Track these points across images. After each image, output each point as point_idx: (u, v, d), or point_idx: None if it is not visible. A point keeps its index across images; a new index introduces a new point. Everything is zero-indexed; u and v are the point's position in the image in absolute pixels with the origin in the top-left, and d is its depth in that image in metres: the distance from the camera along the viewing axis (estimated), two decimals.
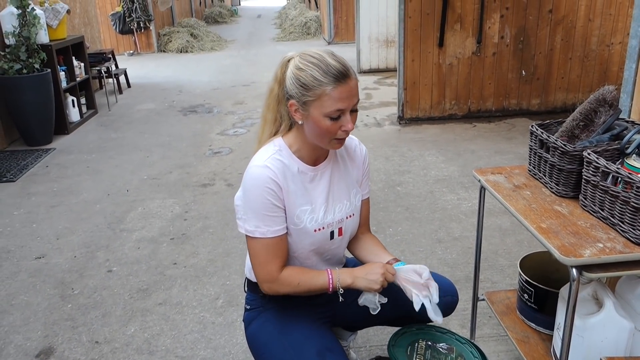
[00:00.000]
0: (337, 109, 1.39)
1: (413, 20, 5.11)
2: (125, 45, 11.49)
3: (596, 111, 1.61)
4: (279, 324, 1.59)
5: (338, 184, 1.60)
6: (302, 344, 1.52)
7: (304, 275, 1.51)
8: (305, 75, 1.40)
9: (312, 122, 1.43)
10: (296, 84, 1.42)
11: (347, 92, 1.39)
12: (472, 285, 2.08)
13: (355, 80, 1.42)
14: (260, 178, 1.46)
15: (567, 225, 1.43)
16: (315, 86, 1.38)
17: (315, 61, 1.40)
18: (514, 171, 1.83)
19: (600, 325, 1.44)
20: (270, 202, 1.46)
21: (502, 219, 3.27)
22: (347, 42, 10.92)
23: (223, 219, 3.48)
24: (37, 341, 2.37)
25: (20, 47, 4.90)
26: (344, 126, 1.42)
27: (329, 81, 1.38)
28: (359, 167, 1.67)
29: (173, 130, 5.62)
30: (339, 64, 1.40)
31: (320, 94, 1.38)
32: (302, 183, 1.53)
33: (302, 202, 1.52)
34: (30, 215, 3.67)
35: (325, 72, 1.38)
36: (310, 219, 1.53)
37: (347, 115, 1.42)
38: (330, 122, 1.41)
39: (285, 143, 1.53)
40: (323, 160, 1.58)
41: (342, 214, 1.60)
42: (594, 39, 5.31)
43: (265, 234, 1.48)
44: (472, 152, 4.54)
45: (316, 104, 1.40)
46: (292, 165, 1.51)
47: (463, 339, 1.65)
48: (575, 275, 1.28)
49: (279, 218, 1.49)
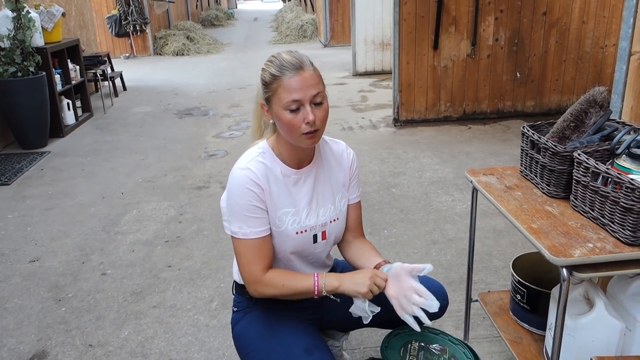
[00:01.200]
0: (292, 99, 1.41)
1: (408, 22, 5.12)
2: (122, 48, 11.49)
3: (587, 112, 1.62)
4: (265, 324, 1.60)
5: (323, 188, 1.61)
6: (289, 342, 1.53)
7: (289, 277, 1.51)
8: (264, 74, 1.46)
9: (277, 119, 1.47)
10: (261, 84, 1.49)
11: (300, 83, 1.41)
12: (466, 287, 2.08)
13: (311, 72, 1.44)
14: (241, 180, 1.47)
15: (558, 225, 1.44)
16: (272, 81, 1.44)
17: (273, 59, 1.47)
18: (506, 172, 1.84)
19: (591, 325, 1.45)
20: (251, 204, 1.47)
21: (496, 220, 3.28)
22: (343, 45, 10.94)
23: (218, 222, 3.47)
24: (30, 344, 2.36)
25: (15, 50, 4.88)
26: (306, 117, 1.43)
27: (282, 74, 1.42)
28: (346, 171, 1.67)
29: (169, 133, 5.61)
30: (293, 58, 1.44)
31: (276, 87, 1.43)
32: (286, 185, 1.54)
33: (285, 204, 1.53)
34: (25, 218, 3.66)
35: (279, 66, 1.43)
36: (292, 222, 1.54)
37: (307, 106, 1.43)
38: (290, 115, 1.43)
39: (269, 145, 1.55)
40: (308, 164, 1.59)
41: (325, 217, 1.60)
42: (587, 41, 5.33)
43: (248, 235, 1.48)
44: (467, 154, 4.55)
45: (275, 99, 1.44)
46: (274, 168, 1.53)
47: (456, 340, 1.65)
48: (566, 275, 1.28)
49: (261, 219, 1.50)
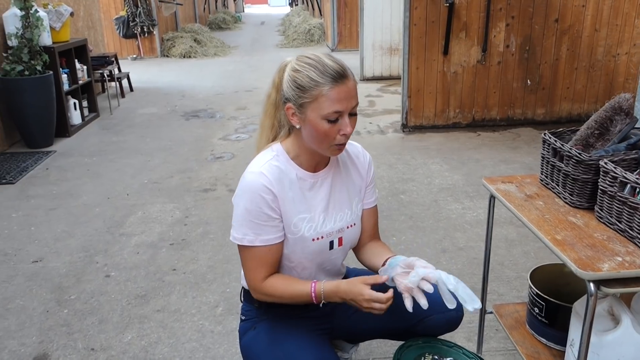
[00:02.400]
0: (335, 110, 1.34)
1: (418, 27, 5.07)
2: (129, 49, 11.49)
3: (612, 119, 1.57)
4: (273, 335, 1.54)
5: (339, 192, 1.55)
6: (296, 354, 1.46)
7: (287, 285, 1.45)
8: (302, 77, 1.36)
9: (309, 126, 1.38)
10: (292, 86, 1.37)
11: (345, 93, 1.34)
12: (480, 298, 2.02)
13: (353, 82, 1.37)
14: (253, 185, 1.41)
15: (583, 237, 1.38)
16: (312, 87, 1.34)
17: (312, 62, 1.36)
18: (525, 180, 1.78)
19: (617, 343, 1.38)
20: (261, 210, 1.41)
21: (508, 229, 3.22)
22: (350, 50, 10.90)
23: (224, 225, 3.42)
24: (31, 347, 2.31)
25: (23, 49, 4.86)
26: (343, 130, 1.37)
27: (325, 81, 1.33)
28: (363, 175, 1.61)
29: (175, 135, 5.58)
30: (336, 64, 1.36)
31: (317, 95, 1.34)
32: (301, 190, 1.47)
33: (300, 209, 1.47)
34: (29, 218, 3.62)
35: (322, 72, 1.34)
36: (308, 228, 1.48)
37: (346, 118, 1.37)
38: (328, 125, 1.35)
39: (283, 148, 1.48)
40: (324, 167, 1.52)
41: (342, 223, 1.54)
42: (600, 49, 5.27)
43: (253, 242, 1.43)
44: (477, 161, 4.49)
45: (313, 106, 1.35)
46: (289, 172, 1.46)
47: (470, 354, 1.59)
48: (593, 290, 1.22)
49: (269, 227, 1.43)
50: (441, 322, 1.59)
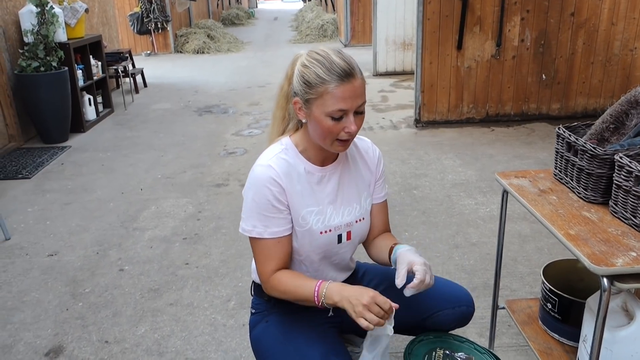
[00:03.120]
0: (339, 108, 1.34)
1: (432, 22, 5.04)
2: (143, 45, 11.57)
3: (627, 113, 1.54)
4: (283, 328, 1.54)
5: (348, 187, 1.55)
6: (306, 348, 1.47)
7: (292, 283, 1.43)
8: (309, 73, 1.35)
9: (314, 121, 1.38)
10: (300, 81, 1.38)
11: (350, 92, 1.34)
12: (492, 293, 2.01)
13: (360, 81, 1.36)
14: (261, 177, 1.42)
15: (597, 232, 1.36)
16: (318, 84, 1.34)
17: (320, 58, 1.35)
18: (539, 175, 1.76)
19: (630, 339, 1.37)
20: (269, 203, 1.42)
21: (521, 225, 3.19)
22: (363, 45, 10.87)
23: (236, 220, 3.43)
24: (47, 339, 2.35)
25: (39, 45, 4.92)
26: (347, 127, 1.36)
27: (332, 79, 1.32)
28: (372, 169, 1.61)
29: (188, 130, 5.61)
30: (344, 62, 1.34)
31: (322, 92, 1.33)
32: (309, 184, 1.48)
33: (308, 202, 1.47)
34: (44, 212, 3.66)
35: (329, 69, 1.33)
36: (316, 221, 1.48)
37: (351, 116, 1.36)
38: (332, 122, 1.35)
39: (292, 142, 1.49)
40: (332, 162, 1.53)
41: (351, 217, 1.54)
42: (616, 43, 5.19)
43: (262, 234, 1.44)
44: (490, 156, 4.45)
45: (318, 103, 1.35)
46: (298, 165, 1.46)
47: (482, 349, 1.58)
48: (607, 285, 1.21)
49: (278, 219, 1.44)
50: (452, 317, 1.58)
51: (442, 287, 1.63)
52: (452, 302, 1.59)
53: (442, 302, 1.58)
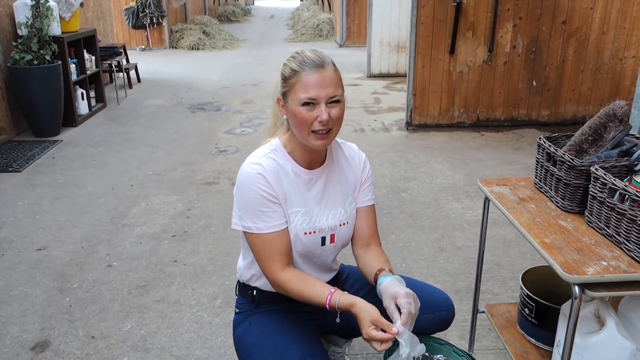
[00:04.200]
0: (309, 96, 1.41)
1: (425, 26, 5.08)
2: (138, 40, 11.54)
3: (606, 126, 1.59)
4: (265, 328, 1.58)
5: (333, 190, 1.59)
6: (286, 348, 1.50)
7: (305, 286, 1.45)
8: (285, 69, 1.47)
9: (290, 115, 1.46)
10: (280, 79, 1.49)
11: (319, 81, 1.41)
12: (473, 297, 2.05)
13: (331, 72, 1.44)
14: (251, 175, 1.47)
15: (572, 241, 1.40)
16: (291, 76, 1.44)
17: (295, 55, 1.48)
18: (520, 183, 1.80)
19: (601, 345, 1.41)
20: (264, 198, 1.46)
21: (506, 230, 3.24)
22: (358, 46, 10.91)
23: (226, 218, 3.47)
24: (33, 333, 2.37)
25: (32, 38, 4.91)
26: (319, 117, 1.42)
27: (301, 69, 1.43)
28: (357, 175, 1.65)
29: (180, 127, 5.62)
30: (315, 55, 1.45)
31: (294, 82, 1.43)
32: (297, 185, 1.52)
33: (295, 203, 1.51)
34: (34, 206, 3.67)
35: (300, 62, 1.44)
36: (301, 222, 1.52)
37: (322, 105, 1.42)
38: (304, 111, 1.42)
39: (281, 143, 1.55)
40: (319, 165, 1.57)
41: (335, 220, 1.58)
42: (607, 52, 5.26)
43: (262, 229, 1.47)
44: (479, 161, 4.51)
45: (291, 94, 1.44)
46: (286, 166, 1.51)
47: (461, 351, 1.62)
48: (578, 293, 1.25)
49: (274, 213, 1.48)
50: (431, 322, 1.62)
51: (422, 292, 1.66)
52: (432, 307, 1.63)
53: (422, 307, 1.61)
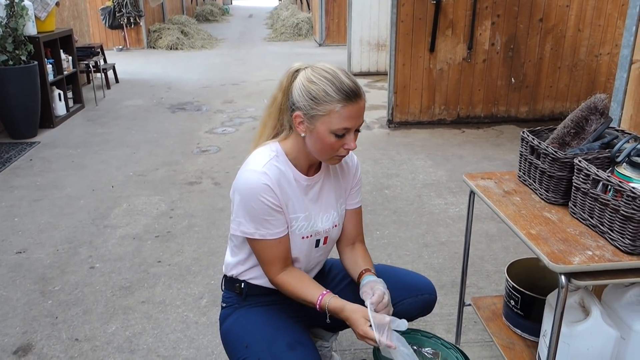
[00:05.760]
0: (344, 127, 1.40)
1: (405, 24, 5.11)
2: (115, 40, 11.39)
3: (587, 119, 1.62)
4: (253, 319, 1.60)
5: (327, 194, 1.61)
6: (273, 336, 1.53)
7: (298, 287, 1.51)
8: (317, 89, 1.39)
9: (315, 137, 1.43)
10: (306, 96, 1.41)
11: (356, 112, 1.40)
12: (459, 291, 2.07)
13: (364, 101, 1.43)
14: (258, 184, 1.45)
15: (557, 232, 1.43)
16: (327, 101, 1.38)
17: (329, 76, 1.40)
18: (504, 177, 1.83)
19: (586, 333, 1.44)
20: (269, 208, 1.46)
21: (489, 224, 3.28)
22: (337, 45, 10.93)
23: (209, 218, 3.44)
24: (15, 337, 2.32)
25: (7, 38, 4.81)
26: (347, 144, 1.43)
27: (340, 98, 1.38)
28: (349, 178, 1.67)
29: (161, 127, 5.56)
30: (352, 83, 1.40)
31: (330, 110, 1.38)
32: (297, 191, 1.53)
33: (296, 209, 1.53)
34: (12, 209, 3.60)
35: (339, 89, 1.38)
36: (300, 227, 1.54)
37: (352, 134, 1.43)
38: (334, 139, 1.41)
39: (282, 149, 1.52)
40: (317, 171, 1.59)
41: (329, 223, 1.61)
42: (582, 49, 5.36)
43: (265, 236, 1.49)
44: (461, 157, 4.55)
45: (324, 119, 1.40)
46: (287, 173, 1.51)
47: (448, 344, 1.64)
48: (564, 282, 1.27)
49: (277, 220, 1.49)
50: (414, 305, 1.65)
51: (404, 277, 1.70)
52: (415, 290, 1.67)
53: (404, 291, 1.64)
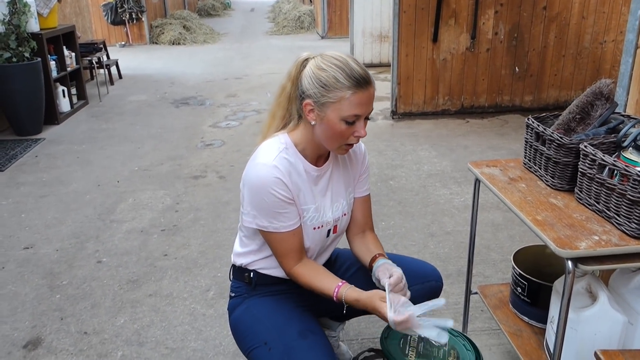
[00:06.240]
0: (355, 114, 1.40)
1: (408, 15, 5.09)
2: (117, 36, 11.38)
3: (593, 104, 1.61)
4: (263, 308, 1.61)
5: (337, 184, 1.61)
6: (284, 325, 1.54)
7: (314, 279, 1.51)
8: (327, 76, 1.39)
9: (325, 124, 1.43)
10: (316, 84, 1.40)
11: (366, 99, 1.40)
12: (465, 279, 2.07)
13: (374, 89, 1.44)
14: (270, 178, 1.44)
15: (563, 217, 1.42)
16: (337, 88, 1.38)
17: (339, 63, 1.40)
18: (509, 164, 1.82)
19: (594, 319, 1.44)
20: (281, 201, 1.46)
21: (494, 213, 3.28)
22: (340, 37, 10.89)
23: (214, 211, 3.45)
24: (24, 331, 2.34)
25: (10, 36, 4.82)
26: (357, 132, 1.43)
27: (351, 85, 1.38)
28: (357, 166, 1.67)
29: (165, 122, 5.57)
30: (362, 70, 1.40)
31: (340, 96, 1.38)
32: (307, 182, 1.53)
33: (306, 201, 1.53)
34: (19, 205, 3.62)
35: (349, 75, 1.38)
36: (310, 218, 1.55)
37: (362, 121, 1.43)
38: (345, 127, 1.41)
39: (291, 140, 1.52)
40: (326, 161, 1.59)
41: (338, 212, 1.61)
42: (587, 37, 5.32)
43: (279, 229, 1.49)
44: (465, 147, 4.54)
45: (334, 107, 1.40)
46: (297, 164, 1.51)
47: (456, 332, 1.64)
48: (571, 267, 1.27)
49: (291, 213, 1.49)
50: (422, 291, 1.66)
51: (410, 264, 1.71)
52: (421, 277, 1.68)
53: (410, 278, 1.65)
